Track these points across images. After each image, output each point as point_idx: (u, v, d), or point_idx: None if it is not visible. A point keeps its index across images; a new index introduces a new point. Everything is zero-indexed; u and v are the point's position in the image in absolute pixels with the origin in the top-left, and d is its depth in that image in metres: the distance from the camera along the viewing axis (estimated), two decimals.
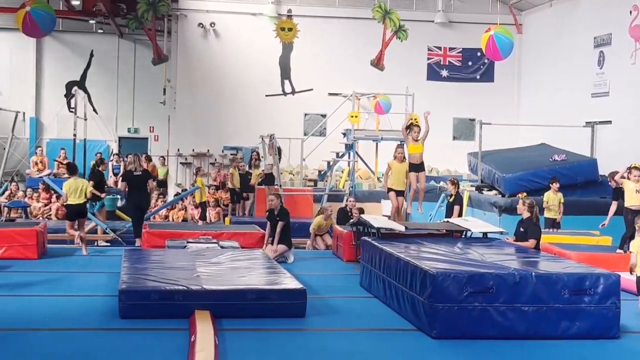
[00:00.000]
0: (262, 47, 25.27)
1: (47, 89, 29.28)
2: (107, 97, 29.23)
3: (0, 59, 28.76)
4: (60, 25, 27.83)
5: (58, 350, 7.63)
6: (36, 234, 13.60)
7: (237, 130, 24.51)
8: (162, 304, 8.94)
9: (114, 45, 29.44)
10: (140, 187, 15.79)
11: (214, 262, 11.11)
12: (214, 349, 7.24)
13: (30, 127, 28.59)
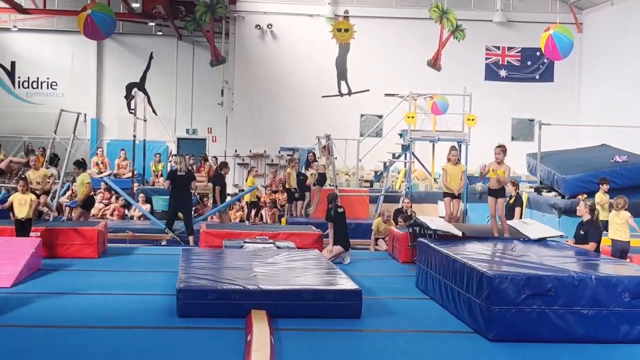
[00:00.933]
0: (318, 48, 25.33)
1: (107, 91, 29.78)
2: (166, 98, 29.59)
3: (63, 61, 29.36)
4: (121, 28, 28.29)
5: (117, 347, 7.76)
6: (97, 234, 13.85)
7: (294, 131, 24.61)
8: (219, 303, 9.03)
9: (172, 47, 29.79)
10: (183, 187, 16.22)
11: (270, 262, 11.17)
12: (269, 349, 7.27)
13: (91, 128, 29.12)
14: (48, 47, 29.33)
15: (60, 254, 13.49)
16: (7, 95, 29.49)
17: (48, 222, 14.98)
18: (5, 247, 12.01)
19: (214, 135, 29.46)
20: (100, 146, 25.38)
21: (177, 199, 16.33)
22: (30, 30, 29.18)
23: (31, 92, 29.58)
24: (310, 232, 14.98)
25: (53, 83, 29.61)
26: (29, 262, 11.59)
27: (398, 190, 21.04)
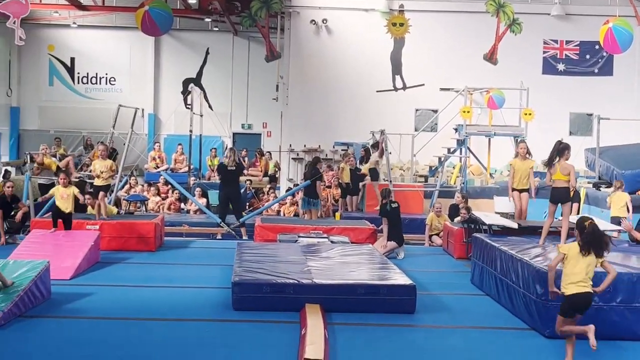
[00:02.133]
0: (373, 43, 25.24)
1: (164, 86, 30.12)
2: (222, 93, 29.83)
3: (121, 57, 29.80)
4: (178, 24, 28.58)
5: (174, 339, 7.87)
6: (154, 227, 14.04)
7: (348, 126, 24.58)
8: (274, 297, 9.10)
9: (228, 43, 30.00)
10: (232, 181, 16.38)
11: (324, 257, 11.21)
12: (324, 343, 7.30)
13: (148, 123, 29.52)
14: (107, 43, 29.80)
15: (118, 247, 13.71)
16: (67, 90, 30.04)
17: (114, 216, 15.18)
18: (65, 240, 12.26)
19: (269, 130, 29.62)
20: (158, 141, 25.69)
21: (226, 192, 16.52)
22: (89, 27, 29.69)
23: (90, 87, 30.09)
24: (364, 227, 14.98)
25: (111, 79, 30.08)
26: (88, 255, 11.82)
27: (453, 185, 20.89)
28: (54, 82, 30.09)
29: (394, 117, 24.19)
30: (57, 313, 8.83)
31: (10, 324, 8.16)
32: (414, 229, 16.58)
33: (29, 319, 8.47)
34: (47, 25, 29.54)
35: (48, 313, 8.80)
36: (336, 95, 24.99)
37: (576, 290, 7.07)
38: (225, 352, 7.41)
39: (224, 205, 16.72)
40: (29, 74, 30.01)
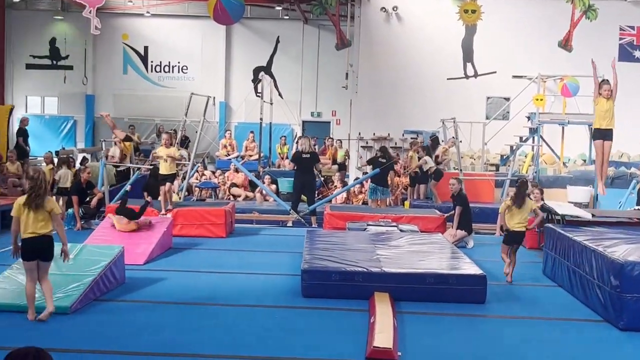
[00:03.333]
0: (444, 30, 24.98)
1: (235, 75, 30.40)
2: (292, 81, 29.96)
3: (193, 46, 30.18)
4: (249, 12, 28.78)
5: (244, 326, 7.95)
6: (225, 214, 14.21)
7: (418, 114, 24.40)
8: (343, 285, 9.12)
9: (299, 31, 30.09)
10: (307, 169, 16.42)
11: (393, 245, 11.18)
12: (393, 331, 7.29)
13: (219, 111, 29.85)
14: (179, 32, 30.20)
15: (189, 234, 13.92)
16: (141, 79, 30.58)
17: (179, 203, 15.42)
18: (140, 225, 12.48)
19: (338, 118, 29.63)
20: (229, 129, 25.95)
21: (302, 180, 16.57)
22: (162, 16, 30.12)
23: (163, 76, 30.56)
24: (433, 215, 14.88)
25: (184, 67, 30.48)
26: (161, 241, 12.03)
27: (525, 175, 20.58)
28: (128, 70, 30.66)
29: (465, 105, 23.91)
30: (131, 297, 9.02)
31: (86, 308, 8.37)
32: (485, 218, 16.39)
33: (104, 303, 8.67)
34: (122, 15, 30.08)
35: (122, 297, 8.99)
36: (406, 83, 24.83)
37: (516, 228, 10.58)
38: (294, 339, 7.46)
39: (298, 193, 16.74)
40: (104, 62, 30.64)
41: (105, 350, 6.91)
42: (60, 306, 8.09)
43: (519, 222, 10.59)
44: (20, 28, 30.27)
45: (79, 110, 30.69)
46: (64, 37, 30.49)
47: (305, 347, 7.17)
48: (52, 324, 7.67)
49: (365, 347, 7.04)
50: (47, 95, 31.01)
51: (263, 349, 7.06)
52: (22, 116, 25.34)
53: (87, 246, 10.10)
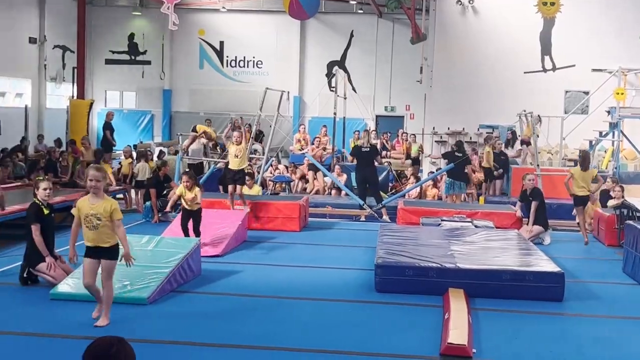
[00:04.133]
0: (521, 23, 24.56)
1: (309, 69, 30.52)
2: (366, 76, 29.91)
3: (268, 41, 30.41)
4: (323, 7, 28.85)
5: (317, 319, 7.99)
6: (299, 208, 14.28)
7: (494, 109, 24.07)
8: (417, 280, 9.07)
9: (373, 25, 30.02)
10: (367, 162, 16.36)
11: (468, 241, 11.06)
12: (467, 328, 7.22)
13: (294, 106, 30.02)
14: (254, 27, 30.45)
15: (264, 227, 14.04)
16: (217, 74, 30.97)
17: (255, 196, 15.53)
18: (215, 218, 12.65)
19: (412, 113, 29.46)
20: (302, 123, 26.05)
21: (362, 174, 16.57)
22: (238, 11, 30.44)
23: (238, 70, 30.88)
24: (509, 211, 14.67)
25: (259, 62, 30.74)
26: (236, 234, 12.16)
27: (604, 170, 20.11)
28: (204, 65, 31.09)
29: (542, 99, 23.47)
30: (207, 289, 9.14)
31: (164, 299, 8.52)
32: (562, 214, 16.07)
33: (181, 294, 8.81)
34: (198, 10, 30.51)
35: (198, 289, 9.12)
36: (481, 76, 24.52)
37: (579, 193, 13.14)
38: (367, 333, 7.45)
39: (361, 186, 16.77)
40: (181, 57, 31.13)
41: (182, 341, 7.02)
42: (138, 297, 8.26)
43: (582, 187, 13.22)
44: (100, 24, 31.00)
45: (156, 104, 31.27)
46: (142, 32, 31.10)
47: (378, 343, 7.16)
48: (131, 314, 7.83)
49: (440, 343, 6.98)
50: (125, 90, 31.68)
51: (336, 343, 7.06)
52: (106, 110, 25.93)
53: (164, 238, 10.28)
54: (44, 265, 8.95)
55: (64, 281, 8.68)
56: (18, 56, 26.26)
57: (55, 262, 9.06)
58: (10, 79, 26.35)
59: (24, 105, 24.39)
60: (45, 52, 27.85)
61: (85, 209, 7.18)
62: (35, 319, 7.62)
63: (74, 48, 28.88)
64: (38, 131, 26.10)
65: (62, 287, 8.53)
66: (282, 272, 10.41)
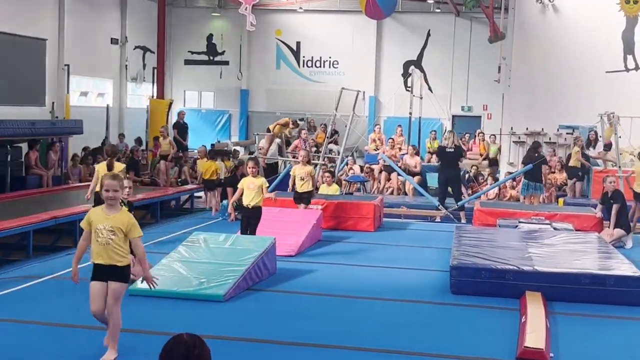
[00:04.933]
0: (603, 22, 23.99)
1: (385, 69, 30.42)
2: (442, 75, 29.65)
3: (344, 41, 30.42)
4: (400, 6, 28.72)
5: (392, 319, 7.96)
6: (374, 208, 14.26)
7: (573, 109, 23.57)
8: (493, 282, 8.96)
9: (450, 24, 29.73)
10: (451, 163, 16.30)
11: (546, 244, 10.87)
12: (545, 332, 7.10)
13: (369, 106, 29.96)
14: (330, 27, 30.51)
15: (338, 227, 14.06)
16: (293, 74, 31.14)
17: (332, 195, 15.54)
18: (289, 218, 12.74)
19: (489, 113, 29.06)
20: (378, 123, 25.99)
21: (446, 175, 16.44)
22: (314, 11, 30.54)
23: (314, 70, 30.99)
24: (589, 214, 14.35)
25: (334, 62, 30.79)
26: (311, 233, 12.22)
27: None
28: (281, 65, 31.29)
29: (625, 99, 22.89)
30: (282, 288, 9.21)
31: (239, 296, 8.62)
32: None
33: (256, 292, 8.90)
34: (275, 11, 30.73)
35: (273, 287, 9.20)
36: (561, 76, 24.05)
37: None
38: (442, 335, 7.40)
39: (443, 187, 16.64)
40: (258, 58, 31.42)
41: (257, 338, 7.09)
42: (215, 294, 8.38)
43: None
44: (180, 25, 31.52)
45: (233, 104, 31.62)
46: (220, 33, 31.49)
47: (452, 345, 7.10)
48: (207, 311, 7.94)
49: (516, 347, 6.88)
50: (204, 90, 32.15)
51: (410, 344, 7.03)
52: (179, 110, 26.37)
53: (240, 237, 10.40)
54: None
55: None
56: (100, 57, 26.92)
57: (134, 259, 9.25)
58: (92, 79, 27.02)
59: (106, 105, 24.99)
60: (127, 53, 28.47)
61: (98, 221, 6.23)
62: None
63: (154, 49, 29.43)
64: (119, 130, 26.71)
65: (140, 284, 8.70)
66: (357, 272, 10.41)
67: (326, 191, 16.10)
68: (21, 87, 21.85)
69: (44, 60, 23.04)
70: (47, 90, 23.14)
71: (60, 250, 11.86)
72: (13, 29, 21.36)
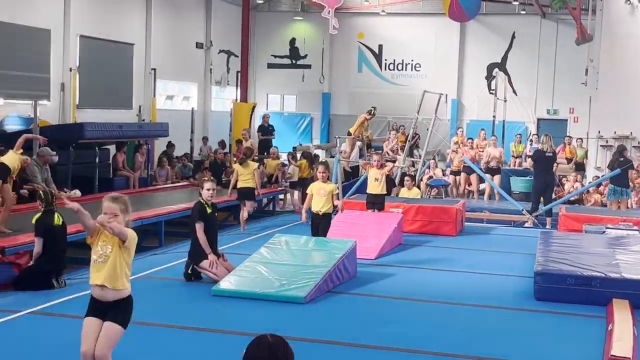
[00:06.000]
0: None
1: (468, 71, 30.13)
2: (527, 78, 29.17)
3: (426, 44, 30.26)
4: (484, 8, 28.38)
5: (473, 326, 7.87)
6: (456, 212, 14.12)
7: None
8: (578, 289, 8.77)
9: (535, 26, 29.24)
10: (549, 168, 15.94)
11: (635, 250, 10.57)
12: (632, 340, 6.91)
13: (451, 109, 29.71)
14: (413, 30, 30.39)
15: (419, 230, 13.96)
16: (375, 77, 31.13)
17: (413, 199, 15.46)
18: (370, 221, 12.72)
19: (576, 116, 28.46)
20: (460, 126, 25.75)
21: (545, 180, 15.91)
22: (396, 14, 30.48)
23: (396, 73, 30.91)
24: None
25: (417, 65, 30.65)
26: (392, 237, 12.17)
27: None
28: (363, 68, 31.32)
29: None
30: (362, 291, 9.20)
31: (320, 298, 8.65)
32: None
33: (337, 295, 8.92)
34: (358, 14, 30.79)
35: (354, 290, 9.19)
36: None
37: None
38: (526, 342, 7.28)
39: (540, 193, 16.05)
40: (340, 61, 31.52)
41: (337, 341, 7.10)
42: (296, 296, 8.43)
43: None
44: (263, 29, 31.88)
45: (315, 107, 31.80)
46: (303, 37, 31.72)
47: (537, 352, 6.98)
48: (288, 313, 8.00)
49: (602, 355, 6.72)
50: (286, 93, 32.44)
51: (492, 351, 6.94)
52: (263, 112, 26.66)
53: (321, 239, 10.44)
54: (206, 262, 9.30)
55: (226, 278, 8.99)
56: (186, 61, 27.44)
57: (217, 260, 9.40)
58: (178, 82, 27.57)
59: (191, 108, 25.45)
60: (211, 57, 28.94)
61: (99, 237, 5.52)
62: (197, 314, 7.92)
63: (238, 52, 29.84)
64: (203, 133, 27.15)
65: (223, 284, 8.83)
66: (438, 276, 10.32)
67: (407, 195, 16.01)
68: (110, 91, 22.46)
69: (132, 64, 23.63)
70: (134, 94, 23.71)
71: (146, 250, 12.12)
72: (103, 34, 21.98)
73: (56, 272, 9.00)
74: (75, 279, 9.41)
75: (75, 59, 20.98)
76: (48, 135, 14.33)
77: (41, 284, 8.78)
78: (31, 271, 8.99)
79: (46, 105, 19.46)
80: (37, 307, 7.88)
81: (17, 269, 9.09)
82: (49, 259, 8.98)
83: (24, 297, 8.46)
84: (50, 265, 8.96)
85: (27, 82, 19.16)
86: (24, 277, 8.97)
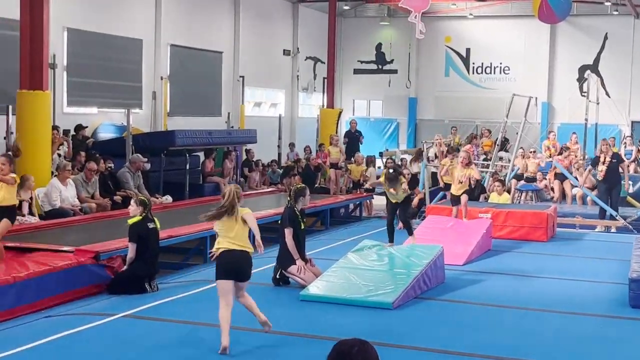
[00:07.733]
0: None
1: (559, 74, 29.54)
2: (620, 80, 28.42)
3: (515, 46, 29.80)
4: (575, 9, 27.75)
5: (565, 334, 7.71)
6: (547, 217, 13.84)
7: None
8: None
9: (629, 27, 28.46)
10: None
11: None
12: None
13: (541, 112, 29.15)
14: (501, 33, 30.00)
15: (509, 236, 13.73)
16: (462, 80, 30.84)
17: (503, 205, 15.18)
18: (458, 227, 12.59)
19: None
20: (551, 130, 25.25)
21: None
22: (484, 17, 30.13)
23: (484, 77, 30.55)
24: None
25: (505, 68, 30.23)
26: (480, 242, 12.01)
27: None
28: (450, 72, 31.07)
29: None
30: (451, 297, 9.11)
31: (408, 304, 8.60)
32: None
33: (425, 301, 8.86)
34: (445, 18, 30.57)
35: (442, 296, 9.11)
36: None
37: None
38: (620, 350, 7.09)
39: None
40: (427, 65, 31.34)
41: (426, 347, 7.05)
42: (384, 301, 8.40)
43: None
44: (349, 35, 31.97)
45: (401, 112, 31.70)
46: (389, 42, 31.67)
47: None
48: (376, 319, 7.98)
49: None
50: (372, 99, 32.43)
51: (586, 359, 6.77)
52: (350, 119, 26.71)
53: (408, 245, 10.39)
54: (294, 267, 9.36)
55: (313, 283, 9.03)
56: (273, 68, 27.75)
57: (305, 265, 9.45)
58: (266, 89, 27.89)
59: (278, 115, 25.71)
60: (298, 64, 29.18)
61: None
62: (285, 318, 7.97)
63: (325, 59, 30.00)
64: (290, 139, 27.39)
65: (312, 289, 8.88)
66: (528, 282, 10.13)
67: (497, 200, 15.77)
68: (200, 99, 22.88)
69: (221, 72, 24.03)
70: (223, 101, 24.10)
71: None
72: (192, 43, 22.43)
73: (149, 276, 9.20)
74: (168, 284, 9.62)
75: (166, 67, 21.48)
76: (140, 143, 14.66)
77: (134, 288, 9.00)
78: (124, 275, 9.22)
79: (138, 113, 19.98)
80: (131, 311, 8.07)
81: (110, 272, 9.34)
82: (142, 263, 9.19)
83: (118, 300, 8.68)
84: (143, 270, 9.17)
85: (120, 91, 19.71)
86: (118, 281, 9.20)
